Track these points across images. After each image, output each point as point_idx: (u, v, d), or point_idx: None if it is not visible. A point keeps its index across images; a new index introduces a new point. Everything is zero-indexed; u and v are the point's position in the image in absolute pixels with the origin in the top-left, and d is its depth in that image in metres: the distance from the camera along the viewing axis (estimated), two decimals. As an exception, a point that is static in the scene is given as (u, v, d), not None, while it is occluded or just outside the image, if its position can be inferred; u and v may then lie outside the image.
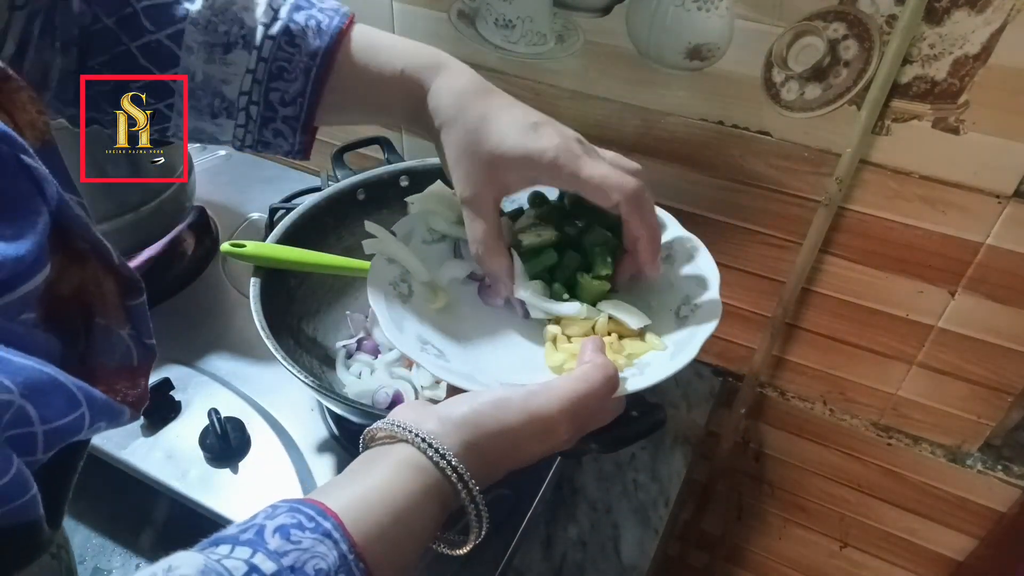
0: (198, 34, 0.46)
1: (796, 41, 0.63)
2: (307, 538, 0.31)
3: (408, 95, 0.48)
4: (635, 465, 0.78)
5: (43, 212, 0.30)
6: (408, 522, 0.34)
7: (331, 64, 0.48)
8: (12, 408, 0.25)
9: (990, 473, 0.81)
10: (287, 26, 0.47)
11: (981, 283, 0.68)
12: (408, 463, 0.36)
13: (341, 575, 0.30)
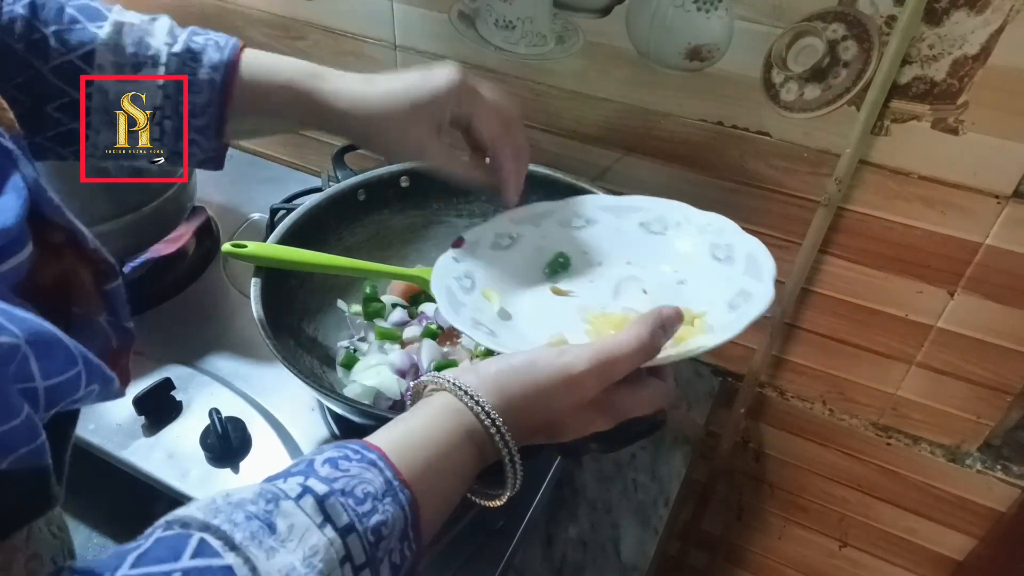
0: (108, 54, 0.49)
1: (795, 42, 0.63)
2: (354, 466, 0.33)
3: (300, 98, 0.53)
4: (635, 465, 0.78)
5: (21, 187, 0.31)
6: (447, 458, 0.37)
7: (232, 76, 0.52)
8: (18, 355, 0.26)
9: (989, 473, 0.81)
10: (188, 46, 0.51)
11: (980, 283, 0.68)
12: (447, 408, 0.39)
13: (387, 498, 0.33)
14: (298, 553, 0.29)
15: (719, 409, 0.92)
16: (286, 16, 0.90)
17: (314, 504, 0.31)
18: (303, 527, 0.30)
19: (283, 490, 0.31)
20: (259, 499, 0.30)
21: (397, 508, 0.33)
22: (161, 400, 0.68)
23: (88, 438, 0.66)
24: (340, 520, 0.31)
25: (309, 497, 0.31)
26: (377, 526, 0.31)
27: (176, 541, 0.28)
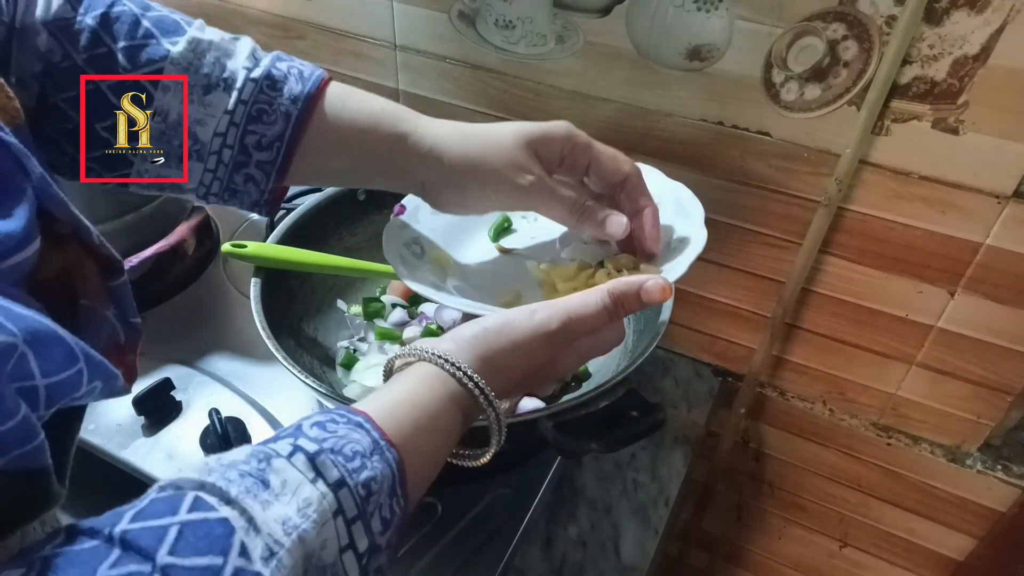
0: (178, 72, 0.46)
1: (796, 42, 0.63)
2: (341, 428, 0.34)
3: (385, 142, 0.49)
4: (635, 465, 0.78)
5: (27, 188, 0.31)
6: (432, 420, 0.38)
7: (312, 109, 0.48)
8: (16, 354, 0.26)
9: (990, 473, 0.81)
10: (269, 72, 0.47)
11: (981, 283, 0.68)
12: (429, 374, 0.39)
13: (375, 457, 0.33)
14: (292, 505, 0.29)
15: (719, 409, 0.92)
16: (286, 16, 0.90)
17: (305, 461, 0.31)
18: (296, 482, 0.30)
19: (274, 449, 0.31)
20: (251, 459, 0.31)
21: (385, 465, 0.33)
22: (161, 400, 0.68)
23: (88, 438, 0.66)
24: (331, 475, 0.31)
25: (300, 454, 0.31)
26: (367, 481, 0.32)
27: (172, 499, 0.28)
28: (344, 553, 0.31)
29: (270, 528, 0.28)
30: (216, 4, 0.93)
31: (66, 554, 0.25)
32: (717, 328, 0.87)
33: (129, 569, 0.25)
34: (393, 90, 0.88)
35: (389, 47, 0.85)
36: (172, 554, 0.26)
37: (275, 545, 0.28)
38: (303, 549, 0.29)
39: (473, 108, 0.84)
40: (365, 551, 0.32)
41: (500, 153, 0.49)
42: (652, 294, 0.44)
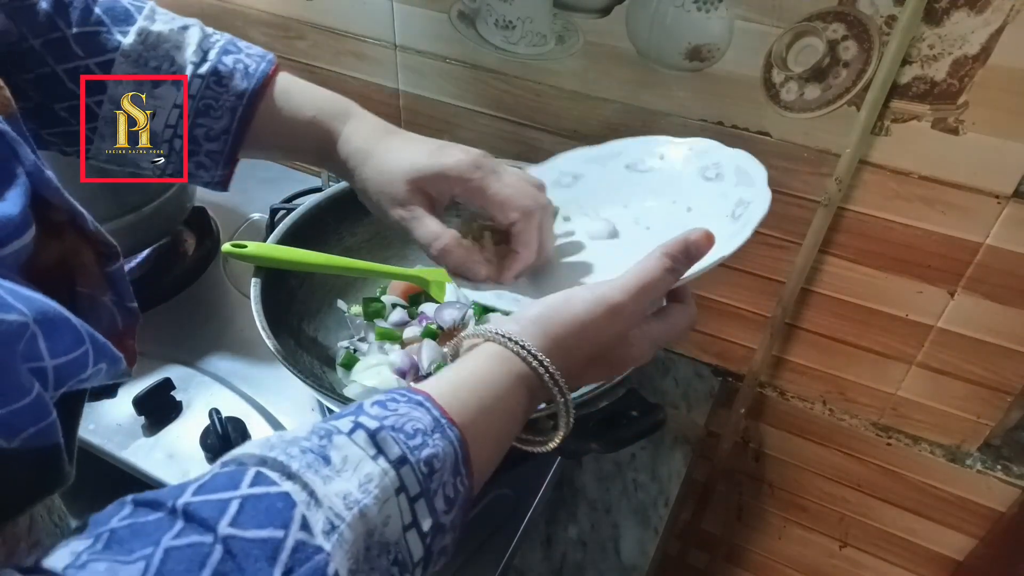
0: (128, 66, 0.48)
1: (796, 42, 0.63)
2: (402, 406, 0.33)
3: (318, 139, 0.52)
4: (635, 465, 0.78)
5: (20, 174, 0.31)
6: (497, 399, 0.37)
7: (255, 106, 0.50)
8: (27, 334, 0.27)
9: (989, 473, 0.81)
10: (216, 67, 0.50)
11: (980, 283, 0.68)
12: (493, 355, 0.39)
13: (436, 434, 0.33)
14: (353, 481, 0.29)
15: (719, 409, 0.92)
16: (286, 16, 0.90)
17: (366, 437, 0.31)
18: (357, 458, 0.30)
19: (335, 426, 0.31)
20: (312, 436, 0.31)
21: (447, 443, 0.33)
22: (161, 400, 0.68)
23: (88, 438, 0.66)
24: (392, 452, 0.31)
25: (361, 431, 0.31)
26: (429, 458, 0.32)
27: (234, 474, 0.28)
28: (408, 531, 0.30)
29: (331, 502, 0.28)
30: (216, 4, 0.93)
31: (131, 526, 0.26)
32: (717, 328, 0.87)
33: (192, 539, 0.25)
34: (393, 90, 0.88)
35: (389, 47, 0.85)
36: (233, 525, 0.26)
37: (336, 519, 0.28)
38: (365, 524, 0.29)
39: (473, 108, 0.84)
40: (429, 530, 0.31)
41: (384, 184, 0.49)
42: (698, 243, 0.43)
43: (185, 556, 0.25)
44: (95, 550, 0.24)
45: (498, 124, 0.83)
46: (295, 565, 0.26)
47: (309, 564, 0.26)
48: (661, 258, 0.42)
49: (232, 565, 0.25)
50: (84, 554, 0.24)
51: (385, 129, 0.52)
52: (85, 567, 0.24)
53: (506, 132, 0.83)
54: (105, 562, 0.24)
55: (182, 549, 0.25)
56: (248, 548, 0.25)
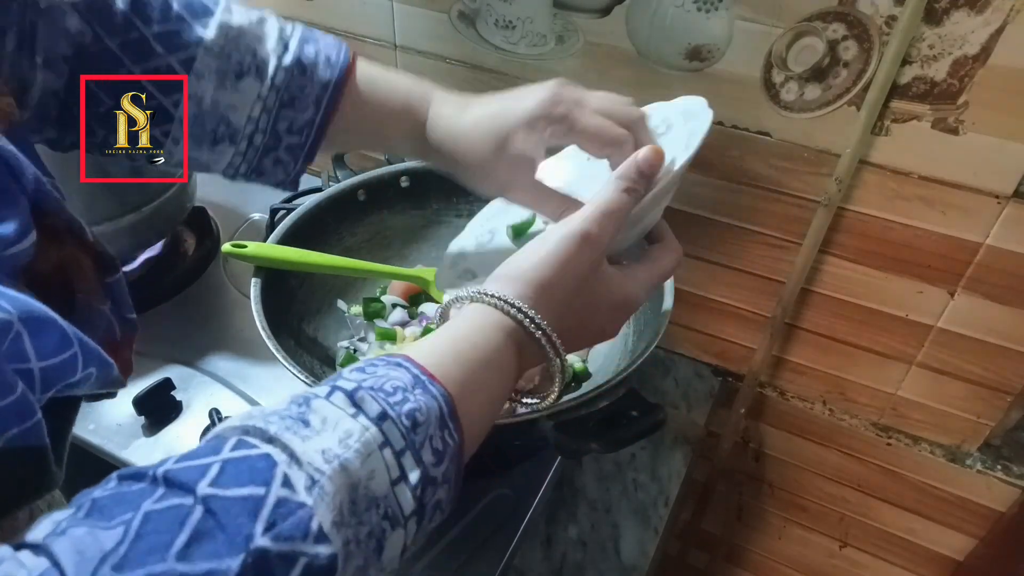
0: (211, 60, 0.46)
1: (796, 42, 0.63)
2: (380, 368, 0.33)
3: (406, 125, 0.51)
4: (635, 465, 0.78)
5: (20, 197, 0.31)
6: (477, 351, 0.37)
7: (341, 94, 0.49)
8: (11, 332, 0.27)
9: (989, 473, 0.81)
10: (299, 58, 0.48)
11: (980, 283, 0.68)
12: (473, 312, 0.39)
13: (417, 390, 0.33)
14: (333, 438, 0.29)
15: (719, 409, 0.92)
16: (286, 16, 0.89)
17: (344, 397, 0.31)
18: (335, 418, 0.30)
19: (313, 392, 0.32)
20: (291, 405, 0.31)
21: (429, 398, 0.33)
22: (161, 400, 0.68)
23: (88, 438, 0.66)
24: (372, 409, 0.31)
25: (339, 393, 0.31)
26: (411, 412, 0.32)
27: (216, 442, 0.29)
28: (396, 485, 0.30)
29: (310, 458, 0.28)
30: (216, 4, 0.93)
31: (114, 495, 0.26)
32: (717, 328, 0.87)
33: (171, 502, 0.25)
34: (393, 90, 0.88)
35: (389, 47, 0.85)
36: (213, 486, 0.26)
37: (316, 473, 0.28)
38: (347, 478, 0.28)
39: (473, 108, 0.84)
40: (418, 482, 0.31)
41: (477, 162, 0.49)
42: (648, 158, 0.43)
43: (165, 518, 0.25)
44: (76, 518, 0.25)
45: (498, 124, 0.83)
46: (277, 519, 0.26)
47: (292, 518, 0.26)
48: (615, 181, 0.42)
49: (212, 522, 0.25)
50: (64, 522, 0.24)
51: (465, 103, 0.50)
52: (65, 533, 0.24)
53: (506, 132, 0.83)
54: (85, 527, 0.24)
55: (162, 512, 0.25)
56: (228, 505, 0.25)
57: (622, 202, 0.42)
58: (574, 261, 0.40)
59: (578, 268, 0.40)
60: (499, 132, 0.47)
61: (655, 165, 0.43)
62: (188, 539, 0.24)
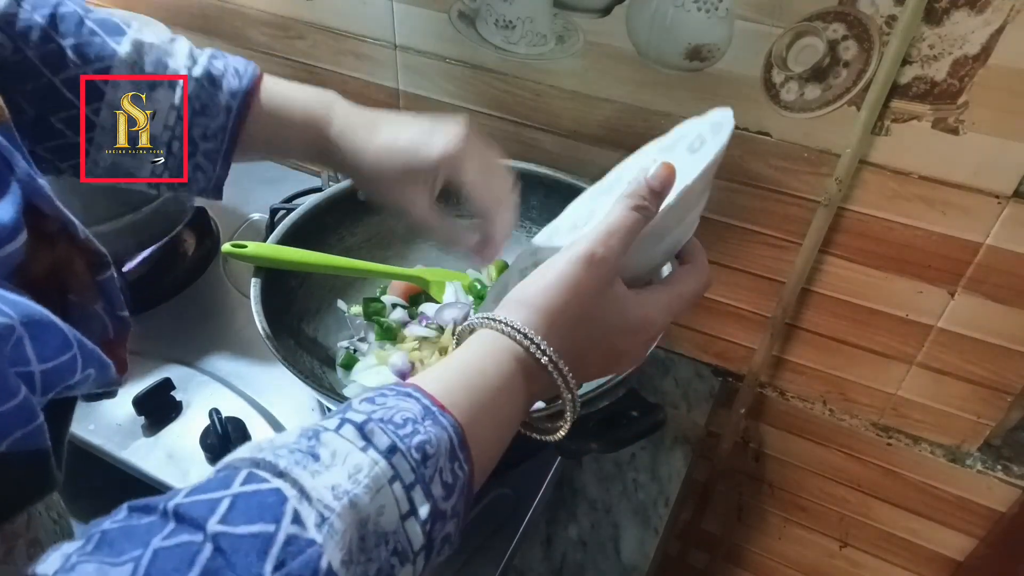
0: (125, 71, 0.49)
1: (796, 42, 0.63)
2: (390, 399, 0.33)
3: (311, 132, 0.53)
4: (635, 465, 0.78)
5: (13, 183, 0.31)
6: (489, 381, 0.37)
7: (249, 102, 0.52)
8: (13, 336, 0.27)
9: (990, 473, 0.81)
10: (208, 70, 0.51)
11: (981, 283, 0.68)
12: (484, 339, 0.39)
13: (427, 421, 0.32)
14: (342, 473, 0.29)
15: (719, 409, 0.92)
16: (286, 16, 0.90)
17: (353, 431, 0.31)
18: (345, 451, 0.30)
19: (322, 425, 0.31)
20: (300, 438, 0.31)
21: (440, 429, 0.32)
22: (161, 400, 0.68)
23: (88, 438, 0.66)
24: (381, 442, 0.31)
25: (348, 425, 0.31)
26: (421, 444, 0.31)
27: (226, 476, 0.28)
28: (406, 520, 0.30)
29: (320, 495, 0.28)
30: (216, 4, 0.93)
31: (123, 528, 0.26)
32: (717, 328, 0.87)
33: (181, 539, 0.25)
34: (393, 90, 0.88)
35: (389, 47, 0.85)
36: (223, 523, 0.26)
37: (326, 511, 0.27)
38: (356, 514, 0.28)
39: (473, 108, 0.84)
40: (428, 517, 0.31)
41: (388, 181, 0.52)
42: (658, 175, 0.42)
43: (174, 555, 0.24)
44: (85, 551, 0.24)
45: (498, 124, 0.83)
46: (287, 558, 0.25)
47: (301, 557, 0.26)
48: (623, 199, 0.42)
49: (222, 561, 0.25)
50: (74, 556, 0.24)
51: (372, 124, 0.53)
52: (74, 569, 0.24)
53: (506, 132, 0.83)
54: (94, 563, 0.24)
55: (171, 549, 0.25)
56: (237, 544, 0.25)
57: (630, 220, 0.41)
58: (582, 284, 0.39)
59: (586, 291, 0.40)
60: (404, 169, 0.51)
61: (666, 181, 0.42)
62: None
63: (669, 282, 0.45)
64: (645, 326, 0.43)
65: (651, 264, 0.47)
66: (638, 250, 0.44)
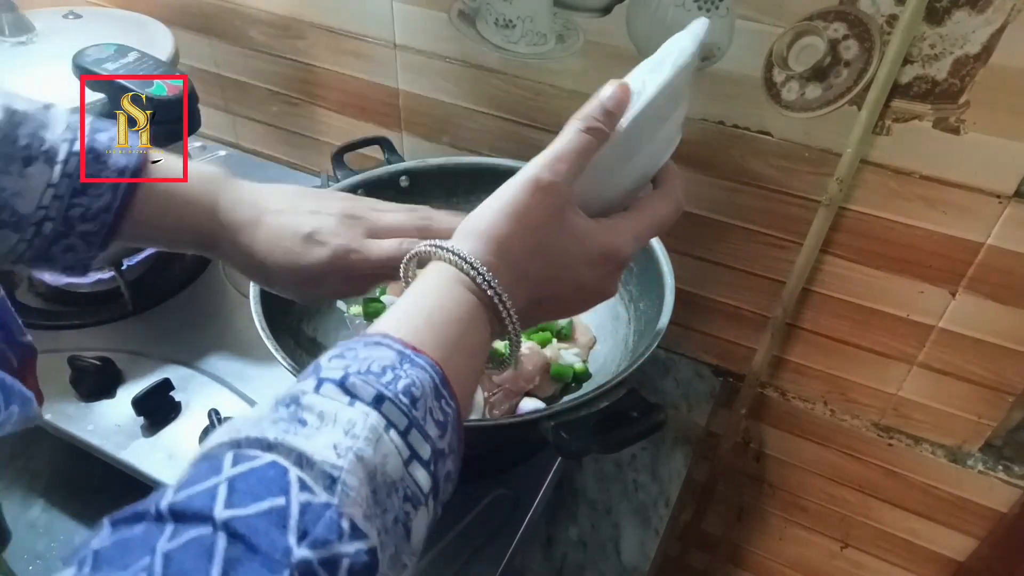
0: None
1: (796, 41, 0.63)
2: (361, 351, 0.32)
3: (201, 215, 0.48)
4: (635, 465, 0.78)
5: None
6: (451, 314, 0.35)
7: (139, 180, 0.47)
8: None
9: (991, 473, 0.81)
10: (91, 145, 0.46)
11: (982, 283, 0.68)
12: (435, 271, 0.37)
13: (406, 365, 0.31)
14: (337, 431, 0.28)
15: (720, 409, 0.92)
16: (286, 16, 0.89)
17: (334, 388, 0.30)
18: (333, 410, 0.29)
19: (300, 389, 0.30)
20: (278, 406, 0.29)
21: (419, 371, 0.32)
22: (160, 400, 0.68)
23: (87, 438, 0.66)
24: (367, 393, 0.30)
25: (328, 384, 0.30)
26: (406, 389, 0.30)
27: (211, 463, 0.26)
28: (409, 464, 0.29)
29: (322, 456, 0.27)
30: (216, 4, 0.93)
31: (117, 543, 0.24)
32: (717, 328, 0.87)
33: (190, 535, 0.23)
34: (393, 89, 0.88)
35: (389, 47, 0.85)
36: (229, 507, 0.24)
37: (333, 470, 0.26)
38: (364, 468, 0.27)
39: (473, 107, 0.84)
40: (430, 457, 0.30)
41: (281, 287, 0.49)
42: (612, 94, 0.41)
43: (188, 554, 0.23)
44: (83, 575, 0.23)
45: (498, 123, 0.83)
46: (308, 527, 0.24)
47: (322, 522, 0.25)
48: (572, 122, 0.40)
49: (242, 547, 0.23)
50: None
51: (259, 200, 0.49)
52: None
53: (506, 131, 0.83)
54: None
55: (183, 548, 0.23)
56: (254, 524, 0.24)
57: (579, 143, 0.39)
58: (531, 210, 0.38)
59: (537, 219, 0.38)
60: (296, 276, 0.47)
61: (620, 100, 0.41)
62: (223, 570, 0.22)
63: (634, 208, 0.43)
64: (609, 255, 0.41)
65: (621, 189, 0.45)
66: (603, 173, 0.42)
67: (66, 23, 0.77)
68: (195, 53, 0.99)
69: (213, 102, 1.04)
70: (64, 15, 0.78)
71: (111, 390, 0.70)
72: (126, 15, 0.83)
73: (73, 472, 0.71)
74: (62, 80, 0.67)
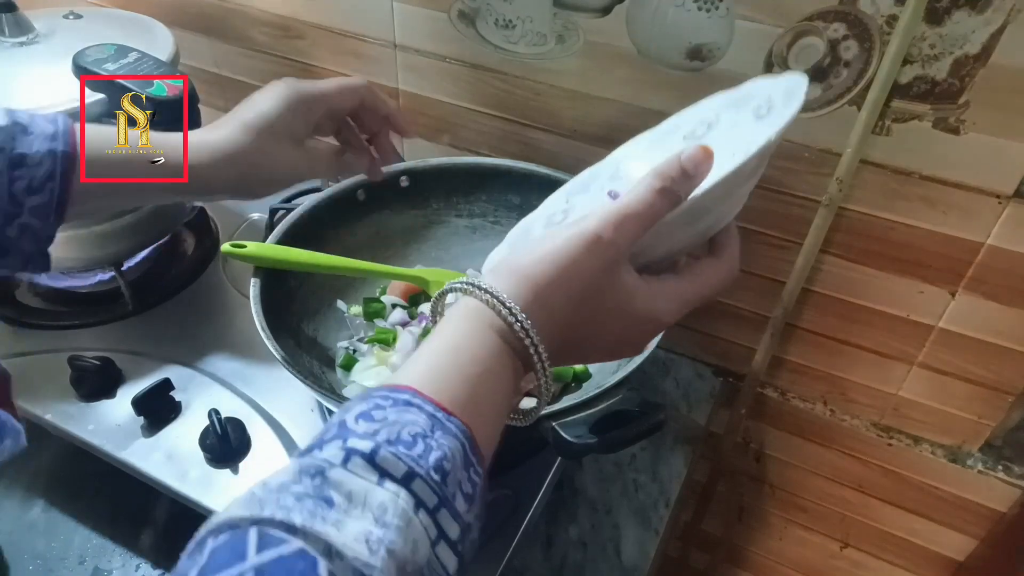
0: None
1: (796, 41, 0.63)
2: (390, 413, 0.30)
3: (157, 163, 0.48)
4: (635, 465, 0.78)
5: None
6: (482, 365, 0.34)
7: (77, 139, 0.45)
8: None
9: (991, 473, 0.81)
10: (14, 119, 0.44)
11: (982, 283, 0.68)
12: (470, 313, 0.36)
13: (437, 432, 0.30)
14: (367, 517, 0.26)
15: (720, 409, 0.92)
16: (286, 16, 0.89)
17: (364, 464, 0.28)
18: (362, 491, 0.27)
19: (325, 460, 0.28)
20: (302, 477, 0.27)
21: (451, 439, 0.30)
22: (160, 400, 0.68)
23: (87, 438, 0.66)
24: (397, 470, 0.28)
25: (356, 458, 0.28)
26: (438, 463, 0.29)
27: (233, 543, 0.24)
28: (436, 545, 0.28)
29: (354, 551, 0.25)
30: (216, 4, 0.93)
31: None
32: (718, 328, 0.87)
33: None
34: (393, 89, 0.88)
35: (389, 47, 0.85)
36: None
37: (366, 568, 0.25)
38: (395, 561, 0.26)
39: (473, 107, 0.84)
40: (458, 537, 0.29)
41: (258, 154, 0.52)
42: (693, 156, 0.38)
43: None
44: None
45: (498, 123, 0.83)
46: None
47: None
48: (647, 179, 0.37)
49: None
50: None
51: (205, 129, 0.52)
52: None
53: (506, 132, 0.83)
54: None
55: None
56: None
57: (651, 204, 0.36)
58: (581, 264, 0.36)
59: (585, 272, 0.36)
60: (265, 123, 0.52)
61: (701, 165, 0.38)
62: None
63: (688, 273, 0.41)
64: (652, 318, 0.39)
65: (678, 247, 0.42)
66: (663, 232, 0.39)
67: (66, 23, 0.77)
68: (195, 53, 0.99)
69: (213, 102, 1.04)
70: (64, 15, 0.78)
71: (111, 390, 0.70)
72: (126, 15, 0.83)
73: (73, 472, 0.71)
74: (62, 80, 0.67)
